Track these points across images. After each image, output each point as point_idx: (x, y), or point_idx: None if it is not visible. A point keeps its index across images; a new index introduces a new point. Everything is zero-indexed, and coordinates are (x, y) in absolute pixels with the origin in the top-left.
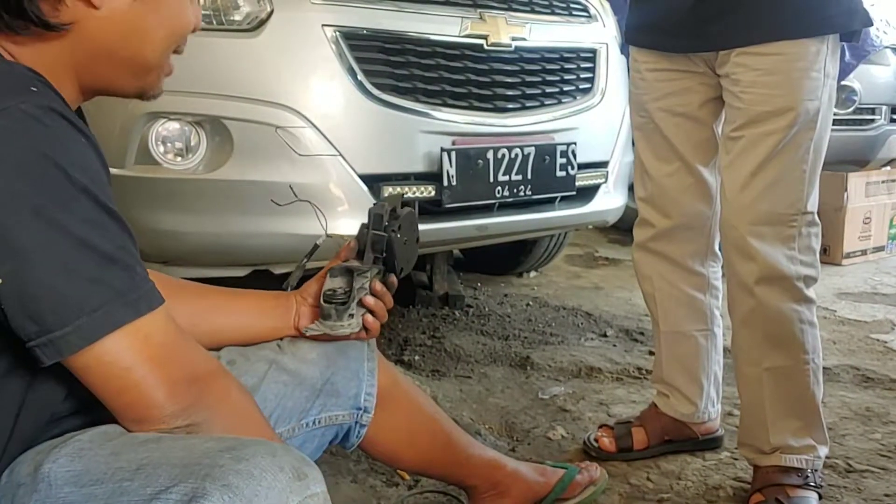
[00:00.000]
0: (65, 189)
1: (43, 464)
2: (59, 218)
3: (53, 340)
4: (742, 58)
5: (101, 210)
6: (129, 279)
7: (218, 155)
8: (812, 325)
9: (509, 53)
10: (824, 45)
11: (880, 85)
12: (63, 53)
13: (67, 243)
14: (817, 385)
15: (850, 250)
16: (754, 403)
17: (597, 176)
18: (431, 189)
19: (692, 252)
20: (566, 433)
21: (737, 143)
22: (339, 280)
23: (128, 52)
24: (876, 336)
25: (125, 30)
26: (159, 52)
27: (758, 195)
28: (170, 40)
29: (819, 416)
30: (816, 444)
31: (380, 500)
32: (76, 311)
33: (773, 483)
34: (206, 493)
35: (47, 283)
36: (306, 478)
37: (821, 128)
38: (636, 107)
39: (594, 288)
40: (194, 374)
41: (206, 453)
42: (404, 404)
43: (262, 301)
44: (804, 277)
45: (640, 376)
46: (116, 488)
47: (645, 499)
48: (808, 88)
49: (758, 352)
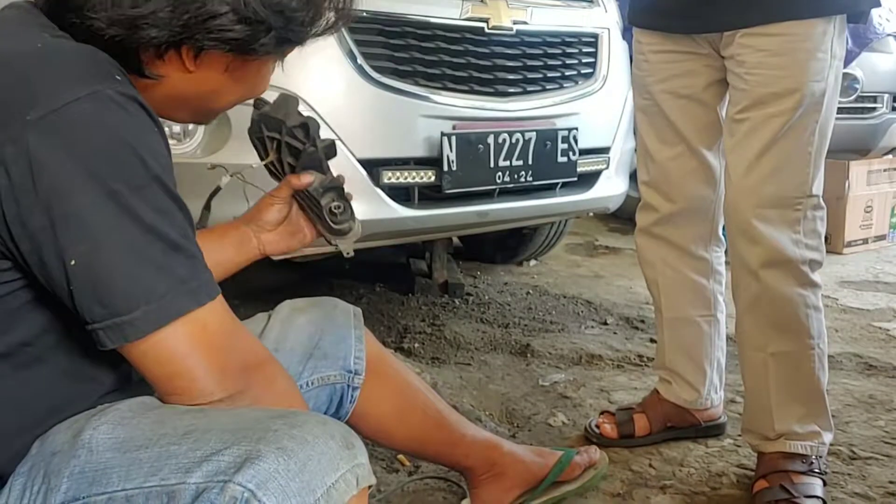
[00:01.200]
0: (140, 176)
1: (83, 431)
2: (132, 203)
3: (120, 324)
4: (747, 38)
5: (170, 198)
6: (192, 267)
7: (216, 139)
8: (817, 310)
9: (510, 37)
10: (831, 26)
11: (882, 73)
12: (142, 90)
13: (139, 229)
14: (822, 370)
15: (852, 239)
16: (759, 389)
17: (598, 162)
18: (431, 174)
19: (696, 237)
20: (567, 420)
21: (741, 126)
22: (328, 197)
23: (199, 105)
24: (878, 324)
25: (207, 91)
26: (226, 109)
27: (763, 178)
28: (239, 102)
29: (824, 401)
30: (821, 431)
31: (380, 486)
32: (145, 296)
33: (778, 469)
34: (260, 455)
35: (119, 267)
36: (354, 447)
37: (827, 109)
38: (640, 89)
39: (594, 276)
40: (245, 363)
41: (258, 419)
42: (393, 378)
43: (219, 240)
44: (810, 261)
45: (640, 363)
46: (163, 452)
47: (647, 485)
48: (814, 69)
49: (763, 337)
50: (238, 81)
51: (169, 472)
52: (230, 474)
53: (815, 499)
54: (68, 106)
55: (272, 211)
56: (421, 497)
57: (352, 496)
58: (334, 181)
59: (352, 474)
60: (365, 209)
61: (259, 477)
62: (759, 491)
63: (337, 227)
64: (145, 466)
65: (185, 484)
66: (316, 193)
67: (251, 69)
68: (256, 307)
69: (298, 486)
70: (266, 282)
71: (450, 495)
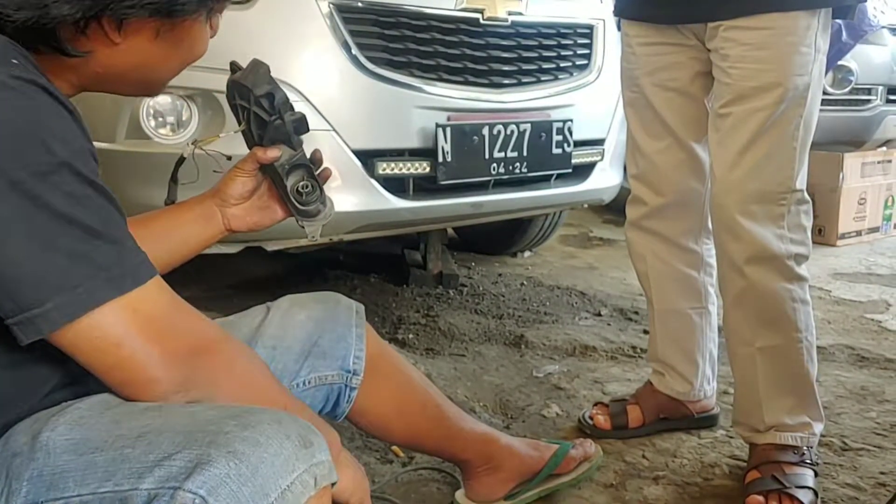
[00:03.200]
0: (45, 162)
1: (41, 432)
2: (37, 191)
3: (32, 318)
4: (731, 32)
5: (84, 183)
6: (114, 254)
7: (210, 129)
8: (805, 303)
9: (506, 28)
10: (815, 20)
11: (877, 65)
12: (72, 69)
13: (46, 217)
14: (811, 362)
15: (845, 231)
16: (748, 383)
17: (593, 154)
18: (426, 165)
19: (685, 229)
20: (561, 411)
21: (725, 121)
22: (296, 175)
23: (139, 77)
24: (871, 316)
25: (140, 61)
26: (170, 77)
27: (747, 173)
28: (181, 68)
29: (814, 393)
30: (812, 422)
31: (374, 477)
32: (55, 287)
33: (770, 460)
34: (211, 460)
35: (25, 259)
36: (312, 446)
37: (810, 104)
38: (627, 82)
39: (588, 268)
40: (193, 346)
41: (210, 421)
42: (393, 374)
43: (183, 216)
44: (795, 256)
45: (634, 355)
46: (117, 455)
47: (640, 476)
48: (797, 63)
49: (750, 331)
50: (173, 46)
51: (122, 478)
52: (181, 480)
53: (807, 489)
54: None
55: (236, 184)
56: (415, 488)
57: (309, 497)
58: (302, 158)
59: (309, 474)
60: (360, 200)
61: (210, 483)
62: (751, 481)
63: (303, 208)
64: (100, 471)
65: (137, 490)
66: (281, 170)
67: (182, 32)
68: (250, 297)
69: (251, 490)
70: (260, 272)
71: (444, 486)
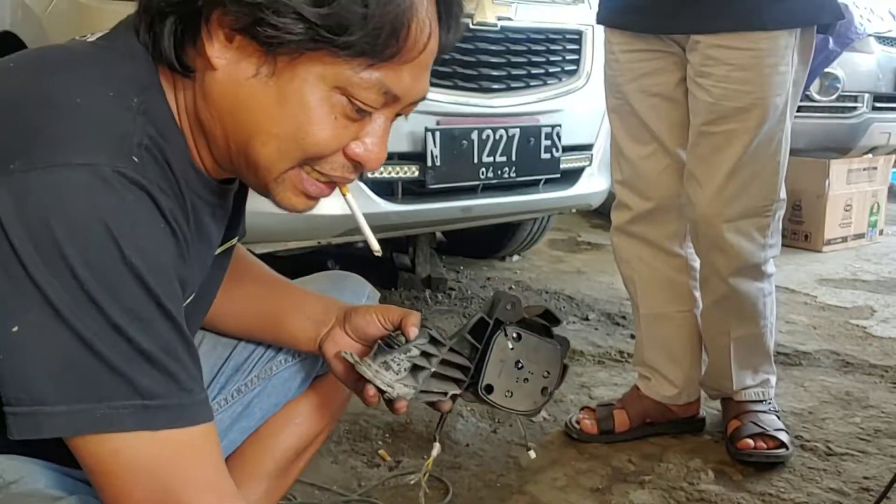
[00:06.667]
0: (113, 270)
1: None
2: (97, 295)
3: (37, 414)
4: (714, 50)
5: (152, 303)
6: (162, 384)
7: None
8: (771, 294)
9: (495, 33)
10: (793, 38)
11: (863, 73)
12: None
13: (99, 322)
14: (771, 337)
15: (831, 237)
16: (721, 364)
17: (581, 159)
18: (415, 169)
19: (671, 234)
20: (548, 415)
21: (707, 140)
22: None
23: (237, 133)
24: (856, 322)
25: (235, 105)
26: (270, 154)
27: (735, 194)
28: (287, 147)
29: (769, 355)
30: (768, 376)
31: (360, 481)
32: (78, 394)
33: (745, 410)
34: None
35: (63, 353)
36: None
37: (789, 118)
38: (611, 89)
39: (576, 272)
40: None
41: None
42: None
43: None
44: (769, 259)
45: (621, 359)
46: None
47: (627, 481)
48: (776, 84)
49: (726, 325)
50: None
51: None
52: None
53: (783, 431)
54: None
55: (371, 323)
56: (402, 492)
57: None
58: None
59: None
60: None
61: None
62: (735, 429)
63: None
64: None
65: None
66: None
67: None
68: None
69: None
70: None
71: (431, 490)
